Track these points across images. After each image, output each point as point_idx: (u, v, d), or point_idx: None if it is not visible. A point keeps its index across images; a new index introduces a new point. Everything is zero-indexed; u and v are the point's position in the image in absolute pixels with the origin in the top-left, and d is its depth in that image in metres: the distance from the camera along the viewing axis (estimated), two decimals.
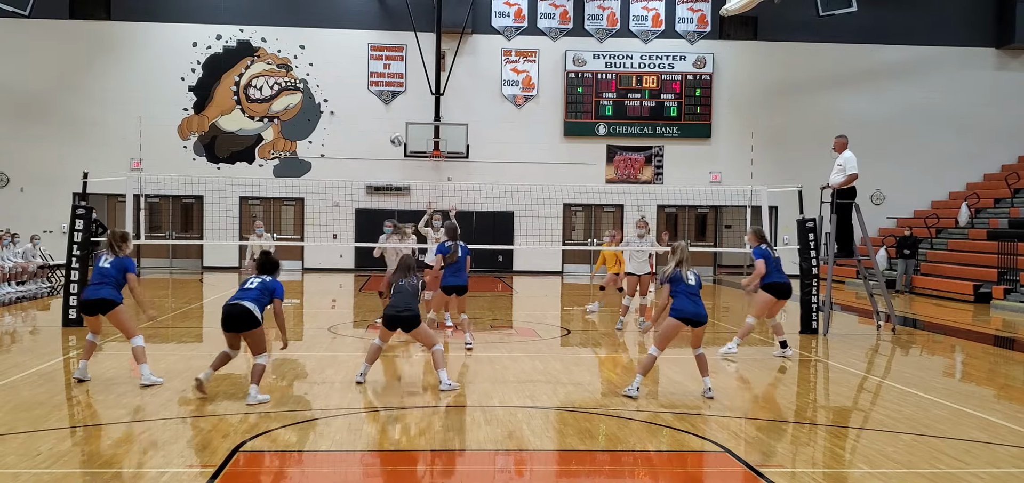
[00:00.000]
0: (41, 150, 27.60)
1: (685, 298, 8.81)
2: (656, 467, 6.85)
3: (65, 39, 27.80)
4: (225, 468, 6.29)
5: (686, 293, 8.82)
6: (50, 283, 20.94)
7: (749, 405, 8.86)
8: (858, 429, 8.05)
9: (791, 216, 17.71)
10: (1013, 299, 19.90)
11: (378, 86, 28.93)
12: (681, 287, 8.87)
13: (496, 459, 6.99)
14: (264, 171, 28.47)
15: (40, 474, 6.08)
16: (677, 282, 8.90)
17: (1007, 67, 30.00)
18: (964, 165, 29.63)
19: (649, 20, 29.42)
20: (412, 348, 11.80)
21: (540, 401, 8.73)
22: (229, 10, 28.52)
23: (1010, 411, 8.77)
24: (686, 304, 8.79)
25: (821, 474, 6.46)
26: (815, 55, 29.45)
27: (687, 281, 8.87)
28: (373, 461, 6.82)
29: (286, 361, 10.95)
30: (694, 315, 8.78)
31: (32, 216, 26.00)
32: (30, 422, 7.53)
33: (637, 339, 13.57)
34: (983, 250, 22.92)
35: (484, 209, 26.52)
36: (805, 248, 14.32)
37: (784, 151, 28.51)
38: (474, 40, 28.93)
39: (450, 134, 27.64)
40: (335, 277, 25.87)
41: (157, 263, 28.64)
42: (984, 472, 6.47)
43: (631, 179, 29.36)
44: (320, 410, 8.32)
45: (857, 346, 13.25)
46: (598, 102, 29.16)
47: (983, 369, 11.90)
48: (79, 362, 9.48)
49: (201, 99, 28.51)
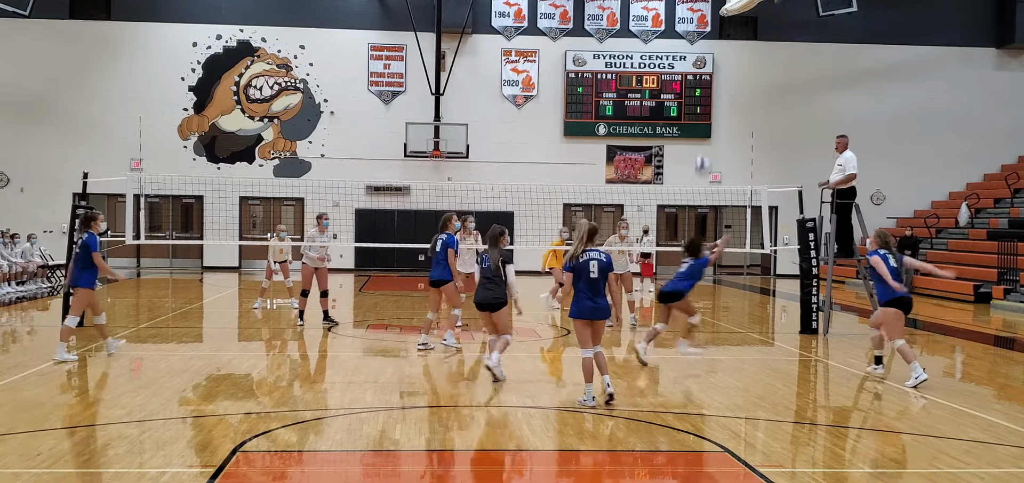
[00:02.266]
0: (41, 150, 27.60)
1: (585, 296, 8.35)
2: (656, 467, 6.85)
3: (65, 39, 27.79)
4: (225, 468, 6.28)
5: (586, 288, 8.34)
6: (50, 283, 20.93)
7: (749, 405, 8.86)
8: (858, 429, 8.05)
9: (791, 216, 17.71)
10: (1013, 299, 19.90)
11: (378, 86, 28.92)
12: (582, 283, 8.36)
13: (496, 459, 6.99)
14: (264, 171, 28.47)
15: (40, 474, 6.08)
16: (579, 275, 8.38)
17: (1007, 67, 29.99)
18: (964, 165, 29.62)
19: (649, 20, 29.42)
20: (412, 348, 11.80)
21: (540, 401, 8.73)
22: (229, 10, 28.51)
23: (1010, 411, 8.76)
24: (585, 302, 8.35)
25: (821, 474, 6.45)
26: (815, 55, 29.44)
27: (590, 274, 8.34)
28: (373, 461, 6.82)
29: (286, 361, 10.95)
30: (593, 311, 8.36)
31: (32, 216, 26.00)
32: (30, 422, 7.53)
33: (628, 339, 13.57)
34: (983, 250, 22.93)
35: (484, 209, 26.41)
36: (805, 248, 14.32)
37: (784, 151, 28.50)
38: (474, 40, 28.93)
39: (450, 134, 27.64)
40: (335, 277, 25.80)
41: (157, 263, 28.63)
42: (984, 472, 6.47)
43: (631, 179, 29.35)
44: (320, 410, 8.32)
45: (857, 346, 13.25)
46: (598, 102, 29.15)
47: (983, 369, 11.90)
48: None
49: (201, 99, 28.51)
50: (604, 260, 8.42)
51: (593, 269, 8.33)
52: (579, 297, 8.40)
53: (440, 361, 10.94)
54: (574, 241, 8.54)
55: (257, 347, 10.75)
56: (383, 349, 12.33)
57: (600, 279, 8.36)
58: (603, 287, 8.44)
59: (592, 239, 8.51)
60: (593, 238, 8.51)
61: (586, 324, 8.42)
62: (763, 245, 18.65)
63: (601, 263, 8.38)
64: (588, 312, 8.38)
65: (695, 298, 12.20)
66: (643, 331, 12.94)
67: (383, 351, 12.17)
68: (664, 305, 11.03)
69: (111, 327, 13.97)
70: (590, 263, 8.36)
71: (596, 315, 8.40)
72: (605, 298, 8.49)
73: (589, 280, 8.34)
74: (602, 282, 8.39)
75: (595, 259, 8.37)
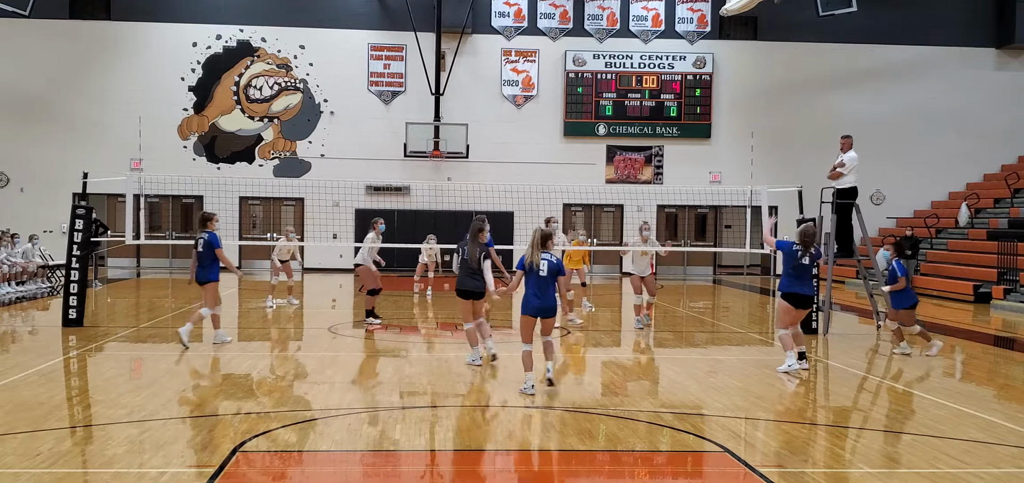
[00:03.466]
0: (41, 150, 27.60)
1: (532, 293, 8.81)
2: (656, 467, 6.85)
3: (65, 39, 27.79)
4: (225, 468, 6.29)
5: (534, 286, 8.78)
6: (50, 283, 20.93)
7: (749, 405, 8.87)
8: (858, 429, 8.05)
9: (791, 216, 17.68)
10: (1013, 299, 19.90)
11: (378, 86, 28.92)
12: (531, 279, 8.83)
13: (496, 459, 6.99)
14: (264, 171, 28.47)
15: (40, 474, 6.08)
16: (528, 273, 8.84)
17: (1007, 67, 29.99)
18: (964, 165, 29.61)
19: (649, 20, 29.42)
20: (411, 349, 11.80)
21: (540, 401, 8.73)
22: (229, 10, 28.51)
23: (1010, 411, 8.77)
24: (532, 299, 8.81)
25: (821, 474, 6.45)
26: (815, 55, 29.43)
27: (538, 272, 8.78)
28: (373, 461, 6.82)
29: (286, 361, 10.95)
30: (539, 309, 8.81)
31: (32, 216, 25.98)
32: (30, 422, 7.53)
33: (635, 339, 13.57)
34: (983, 250, 22.92)
35: (484, 209, 26.44)
36: None
37: (784, 151, 28.50)
38: (474, 40, 28.92)
39: (450, 134, 27.63)
40: (335, 277, 25.86)
41: (157, 263, 28.62)
42: (984, 472, 6.47)
43: (631, 179, 29.35)
44: (320, 410, 8.33)
45: (857, 346, 13.26)
46: (598, 102, 29.15)
47: (983, 369, 11.90)
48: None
49: (201, 99, 28.50)
50: (554, 262, 8.88)
51: (542, 268, 8.79)
52: (527, 295, 8.88)
53: (441, 362, 10.94)
54: (527, 246, 8.98)
55: (257, 347, 10.76)
56: (383, 349, 12.33)
57: (548, 279, 8.80)
58: (551, 287, 8.86)
59: (545, 244, 8.92)
60: (545, 243, 8.93)
61: (531, 320, 8.90)
62: (763, 245, 18.61)
63: (551, 264, 8.83)
64: (533, 310, 8.86)
65: (695, 298, 12.20)
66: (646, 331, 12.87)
67: (383, 351, 12.17)
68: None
69: (111, 327, 13.99)
70: (541, 262, 8.81)
71: (541, 313, 8.88)
72: (552, 297, 8.89)
73: (538, 278, 8.79)
74: (550, 282, 8.82)
75: (546, 260, 8.84)
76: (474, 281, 10.22)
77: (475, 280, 10.21)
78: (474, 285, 10.23)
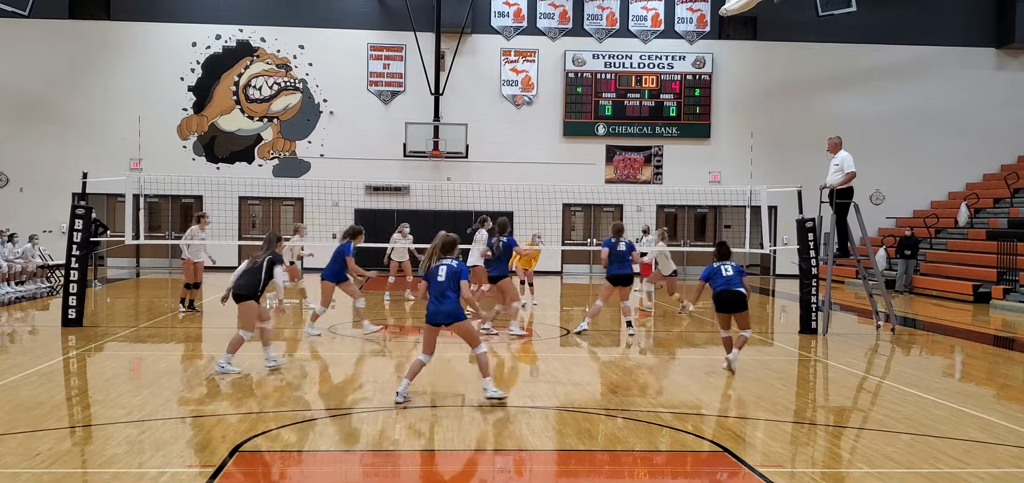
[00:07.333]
0: (41, 150, 27.59)
1: (431, 299, 8.60)
2: (656, 467, 6.85)
3: (65, 39, 27.79)
4: (225, 468, 6.28)
5: (434, 293, 8.56)
6: (50, 283, 20.93)
7: (749, 405, 8.86)
8: (858, 429, 8.04)
9: (791, 216, 17.70)
10: (1013, 299, 19.90)
11: (377, 86, 28.92)
12: (432, 286, 8.61)
13: (496, 459, 6.99)
14: (264, 171, 28.47)
15: (40, 474, 6.08)
16: (429, 279, 8.63)
17: (1007, 67, 30.00)
18: (964, 165, 29.62)
19: (648, 20, 29.42)
20: (412, 348, 11.79)
21: (540, 401, 8.73)
22: (229, 10, 28.51)
23: (1010, 411, 8.77)
24: (430, 305, 8.61)
25: (821, 474, 6.45)
26: (815, 55, 29.44)
27: (437, 278, 8.56)
28: (373, 461, 6.82)
29: (286, 361, 10.93)
30: (436, 315, 8.52)
31: (32, 216, 25.99)
32: (30, 422, 7.52)
33: (636, 342, 13.58)
34: (983, 250, 22.93)
35: (483, 209, 26.46)
36: (804, 248, 14.32)
37: (784, 151, 28.51)
38: (473, 40, 28.93)
39: (450, 134, 27.63)
40: None
41: (156, 263, 28.62)
42: (984, 472, 6.47)
43: (630, 179, 29.35)
44: (320, 410, 8.32)
45: (857, 346, 13.25)
46: (597, 102, 29.15)
47: (983, 369, 11.90)
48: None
49: (201, 99, 28.50)
50: (454, 267, 8.61)
51: (441, 274, 8.54)
52: (429, 301, 8.61)
53: (441, 362, 10.94)
54: (428, 252, 8.74)
55: (257, 347, 10.75)
56: (383, 349, 12.32)
57: (446, 284, 8.50)
58: (451, 292, 8.52)
59: (446, 251, 8.72)
60: (446, 250, 8.73)
61: (432, 329, 8.62)
62: (762, 245, 18.63)
63: (450, 269, 8.58)
64: (430, 315, 8.59)
65: (693, 298, 12.21)
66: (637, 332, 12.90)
67: (383, 351, 12.17)
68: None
69: (110, 327, 13.99)
70: (438, 268, 8.58)
71: (441, 319, 8.53)
72: (453, 302, 8.52)
73: (436, 284, 8.55)
74: (448, 287, 8.51)
75: (445, 266, 8.60)
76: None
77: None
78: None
